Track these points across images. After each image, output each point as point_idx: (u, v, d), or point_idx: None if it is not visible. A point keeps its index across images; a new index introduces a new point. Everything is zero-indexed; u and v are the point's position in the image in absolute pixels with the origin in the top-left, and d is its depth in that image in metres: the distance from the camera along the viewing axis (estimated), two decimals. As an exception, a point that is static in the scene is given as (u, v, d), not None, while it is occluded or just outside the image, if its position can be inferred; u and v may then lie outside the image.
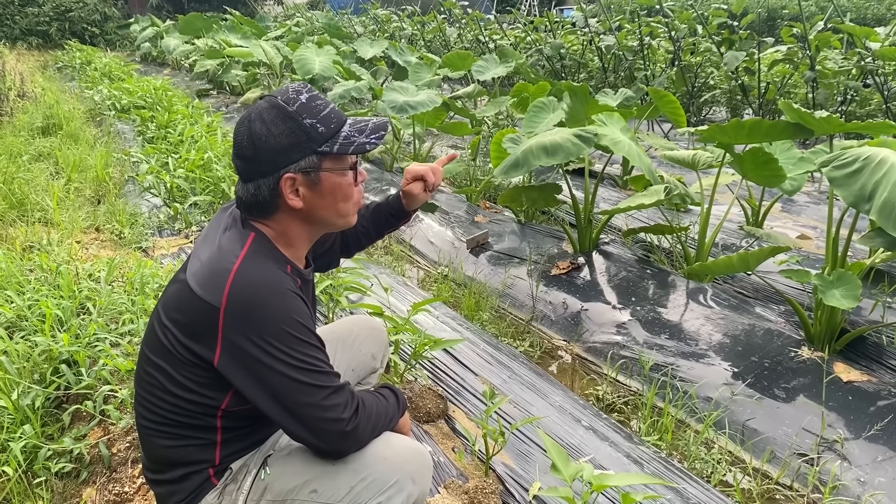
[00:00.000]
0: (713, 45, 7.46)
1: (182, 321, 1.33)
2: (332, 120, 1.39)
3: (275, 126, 1.34)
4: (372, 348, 1.96)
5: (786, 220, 4.88)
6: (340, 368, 1.85)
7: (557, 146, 3.29)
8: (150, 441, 1.43)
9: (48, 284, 2.99)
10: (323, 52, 7.76)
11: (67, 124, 6.88)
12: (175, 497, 1.42)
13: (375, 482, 1.39)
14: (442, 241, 4.54)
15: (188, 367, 1.34)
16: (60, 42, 16.82)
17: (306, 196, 1.39)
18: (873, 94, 6.78)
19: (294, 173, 1.36)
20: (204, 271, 1.34)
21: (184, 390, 1.35)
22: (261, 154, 1.35)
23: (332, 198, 1.42)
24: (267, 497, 1.42)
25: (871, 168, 2.40)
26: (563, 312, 3.54)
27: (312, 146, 1.36)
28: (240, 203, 1.42)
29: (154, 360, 1.38)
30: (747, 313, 3.23)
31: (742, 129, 3.14)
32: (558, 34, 9.74)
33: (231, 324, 1.28)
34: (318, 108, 1.38)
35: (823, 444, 2.45)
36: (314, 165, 1.37)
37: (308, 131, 1.35)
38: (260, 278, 1.31)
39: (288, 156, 1.35)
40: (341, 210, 1.45)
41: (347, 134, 1.39)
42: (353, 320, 2.02)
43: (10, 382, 2.28)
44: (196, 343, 1.31)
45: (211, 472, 1.43)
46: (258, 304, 1.29)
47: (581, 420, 2.53)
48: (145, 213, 4.55)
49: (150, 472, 1.47)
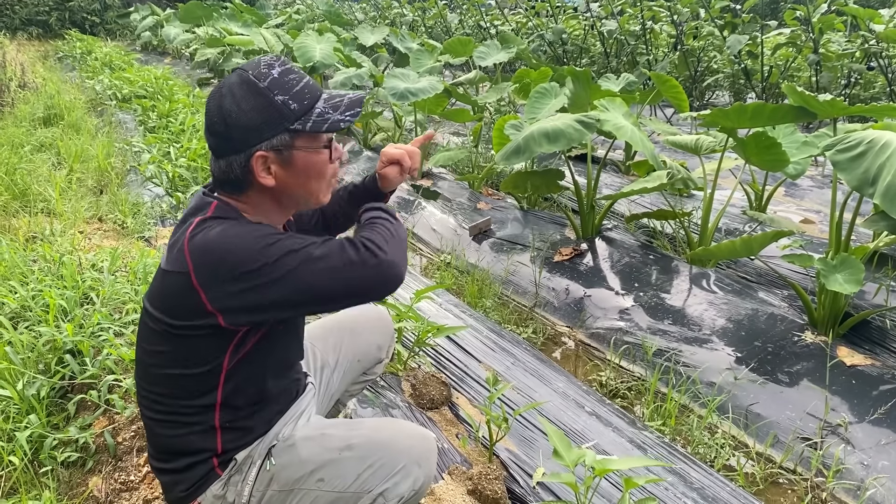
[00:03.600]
0: (716, 29, 7.41)
1: (167, 305, 1.32)
2: (306, 96, 1.34)
3: (245, 102, 1.30)
4: (378, 339, 1.93)
5: (789, 205, 4.87)
6: (346, 358, 1.84)
7: (559, 132, 3.28)
8: (154, 431, 1.44)
9: (52, 275, 2.99)
10: (324, 40, 7.72)
11: (69, 114, 6.87)
12: (180, 486, 1.43)
13: (382, 468, 1.39)
14: (444, 229, 4.53)
15: (184, 340, 1.33)
16: (61, 32, 16.75)
17: (279, 174, 1.35)
18: (877, 77, 6.74)
19: (266, 151, 1.32)
20: (168, 248, 1.35)
21: (181, 367, 1.35)
22: (232, 131, 1.31)
23: (304, 176, 1.37)
24: (273, 487, 1.43)
25: (874, 151, 2.39)
26: (566, 299, 3.54)
27: (284, 124, 1.31)
28: (213, 179, 1.40)
29: (150, 349, 1.39)
30: (750, 298, 3.23)
31: (745, 112, 3.12)
32: (560, 19, 9.68)
33: (207, 281, 1.26)
34: (290, 83, 1.33)
35: (827, 428, 2.45)
36: (286, 144, 1.33)
37: (280, 108, 1.31)
38: (213, 230, 1.29)
39: (259, 133, 1.31)
40: (314, 189, 1.41)
41: (322, 111, 1.34)
42: (360, 310, 1.97)
43: (15, 373, 2.29)
44: (189, 319, 1.30)
45: (215, 461, 1.43)
46: (218, 247, 1.26)
47: (584, 406, 2.54)
48: (147, 202, 4.55)
49: (155, 461, 1.47)
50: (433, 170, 5.81)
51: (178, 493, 1.43)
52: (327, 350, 1.83)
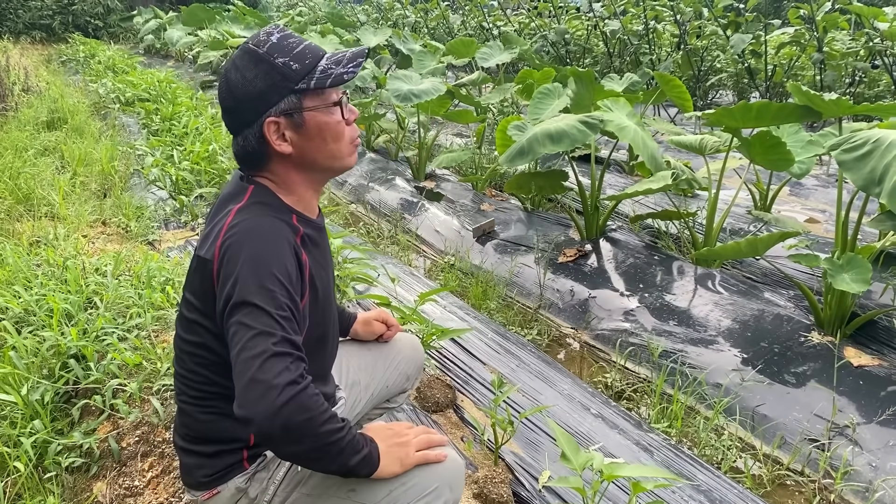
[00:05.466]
0: (719, 28, 7.38)
1: (197, 292, 1.34)
2: (307, 56, 1.33)
3: (248, 71, 1.31)
4: (408, 369, 1.90)
5: (794, 204, 4.85)
6: (376, 381, 1.81)
7: (563, 133, 3.27)
8: (187, 414, 1.42)
9: (55, 279, 2.99)
10: (326, 42, 7.73)
11: (72, 118, 6.88)
12: (203, 471, 1.41)
13: (415, 487, 1.35)
14: (448, 230, 4.52)
15: (211, 330, 1.33)
16: (64, 35, 16.80)
17: (294, 140, 1.34)
18: (882, 76, 6.71)
19: (276, 117, 1.31)
20: (205, 234, 1.35)
21: (215, 355, 1.35)
22: (241, 103, 1.32)
23: (320, 139, 1.35)
24: (301, 490, 1.40)
25: (881, 151, 2.37)
26: (571, 300, 3.53)
27: (289, 85, 1.31)
28: (237, 160, 1.41)
29: (184, 337, 1.39)
30: (756, 298, 3.21)
31: (749, 112, 3.11)
32: (563, 19, 9.66)
33: (219, 271, 1.27)
34: (290, 45, 1.33)
35: (835, 429, 2.44)
36: (295, 106, 1.32)
37: (282, 70, 1.30)
38: (249, 226, 1.29)
39: (266, 99, 1.31)
40: (334, 151, 1.38)
41: (324, 67, 1.33)
42: (400, 336, 1.94)
43: (19, 378, 2.29)
44: (213, 308, 1.30)
45: (245, 454, 1.41)
46: (239, 247, 1.26)
47: (590, 408, 2.53)
48: (151, 205, 4.55)
49: (182, 440, 1.45)
50: (436, 171, 5.80)
51: (199, 477, 1.41)
52: (361, 369, 1.80)
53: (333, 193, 5.78)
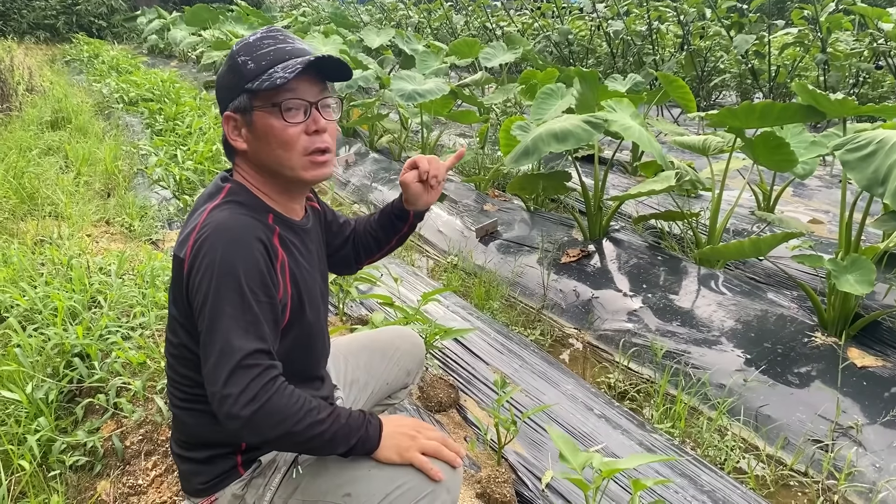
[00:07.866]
0: (722, 29, 7.38)
1: (174, 288, 1.36)
2: (268, 57, 1.32)
3: (224, 66, 1.38)
4: (409, 365, 1.88)
5: (797, 205, 4.84)
6: (376, 379, 1.81)
7: (567, 132, 3.27)
8: (179, 419, 1.44)
9: (60, 278, 3.00)
10: (329, 42, 7.74)
11: (76, 118, 6.89)
12: (199, 478, 1.41)
13: (411, 490, 1.34)
14: (451, 230, 4.53)
15: (191, 330, 1.34)
16: (68, 35, 16.81)
17: (248, 139, 1.37)
18: (886, 76, 6.70)
19: (231, 112, 1.36)
20: (180, 233, 1.37)
21: (196, 356, 1.34)
22: (217, 95, 1.41)
23: (266, 142, 1.34)
24: (298, 497, 1.40)
25: (885, 151, 2.37)
26: (574, 300, 3.53)
27: (241, 84, 1.33)
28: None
29: (171, 339, 1.40)
30: (760, 299, 3.21)
31: (753, 112, 3.10)
32: (566, 20, 9.66)
33: (189, 272, 1.29)
34: (259, 46, 1.34)
35: (838, 430, 2.43)
36: (246, 105, 1.34)
37: (239, 68, 1.33)
38: (219, 225, 1.29)
39: (229, 95, 1.36)
40: (282, 158, 1.35)
41: (275, 70, 1.31)
42: (398, 332, 1.93)
43: (23, 376, 2.29)
44: (187, 303, 1.32)
45: (238, 459, 1.41)
46: (210, 248, 1.26)
47: (593, 408, 2.53)
48: (155, 205, 4.56)
49: (177, 447, 1.47)
50: (439, 171, 5.79)
51: (196, 484, 1.42)
52: (359, 367, 1.79)
53: (336, 193, 5.79)
